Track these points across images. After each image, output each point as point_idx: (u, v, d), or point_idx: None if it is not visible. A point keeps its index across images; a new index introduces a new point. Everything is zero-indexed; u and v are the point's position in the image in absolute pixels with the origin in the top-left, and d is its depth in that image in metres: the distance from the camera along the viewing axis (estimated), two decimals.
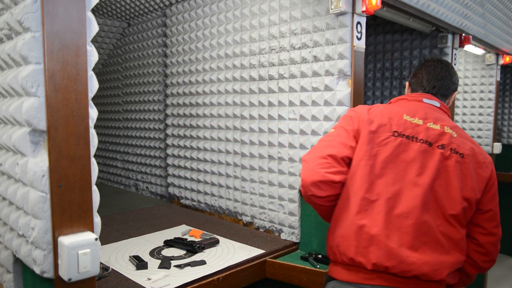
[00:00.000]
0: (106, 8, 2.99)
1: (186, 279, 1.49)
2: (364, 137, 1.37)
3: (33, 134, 0.99)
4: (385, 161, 1.34)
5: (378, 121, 1.39)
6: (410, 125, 1.39)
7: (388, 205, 1.30)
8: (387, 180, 1.33)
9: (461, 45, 2.66)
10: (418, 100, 1.52)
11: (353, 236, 1.30)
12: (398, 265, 1.25)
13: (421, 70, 1.62)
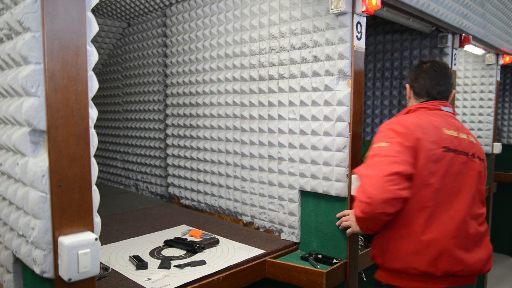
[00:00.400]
0: (106, 8, 2.99)
1: (186, 279, 1.49)
2: (423, 154, 1.45)
3: (33, 134, 0.99)
4: (443, 176, 1.46)
5: (430, 138, 1.48)
6: (451, 139, 1.52)
7: (449, 217, 1.45)
8: (446, 193, 1.46)
9: (461, 45, 2.66)
10: (437, 108, 1.64)
11: (423, 251, 1.42)
12: (464, 269, 1.44)
13: (422, 75, 1.68)
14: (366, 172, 1.43)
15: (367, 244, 2.07)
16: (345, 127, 1.78)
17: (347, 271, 1.82)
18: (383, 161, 1.42)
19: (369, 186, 1.39)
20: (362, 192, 1.41)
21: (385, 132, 1.52)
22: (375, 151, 1.47)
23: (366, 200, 1.38)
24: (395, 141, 1.46)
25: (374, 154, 1.46)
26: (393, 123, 1.53)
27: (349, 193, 1.81)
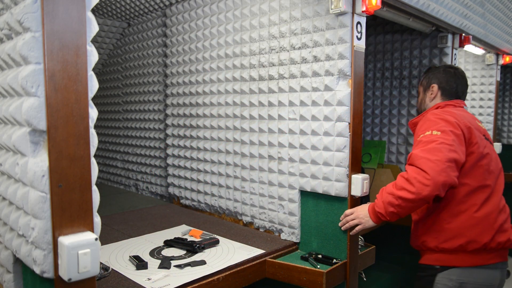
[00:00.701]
0: (106, 8, 2.99)
1: (186, 279, 1.49)
2: (475, 139, 1.63)
3: (33, 134, 0.99)
4: (488, 159, 1.67)
5: (475, 127, 1.68)
6: (482, 128, 1.77)
7: (497, 195, 1.66)
8: (495, 175, 1.69)
9: (461, 45, 2.66)
10: (461, 106, 1.88)
11: (480, 224, 1.59)
12: (509, 240, 1.63)
13: (453, 79, 1.90)
14: (426, 155, 1.50)
15: (367, 244, 2.07)
16: (345, 127, 1.78)
17: (347, 271, 1.82)
18: (442, 148, 1.52)
19: (430, 169, 1.47)
20: (420, 174, 1.48)
21: (435, 121, 1.63)
22: (430, 138, 1.57)
23: (426, 182, 1.46)
24: (448, 130, 1.58)
25: (429, 141, 1.56)
26: (441, 113, 1.68)
27: (349, 193, 1.81)
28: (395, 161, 2.95)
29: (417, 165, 1.50)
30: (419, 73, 2.78)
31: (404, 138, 2.89)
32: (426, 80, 1.96)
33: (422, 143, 1.58)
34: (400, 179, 1.56)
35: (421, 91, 2.00)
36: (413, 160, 1.54)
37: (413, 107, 2.83)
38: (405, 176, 1.54)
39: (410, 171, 1.53)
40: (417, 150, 1.57)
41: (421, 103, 2.01)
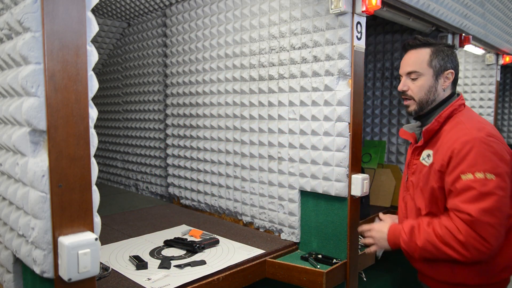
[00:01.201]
0: (106, 8, 2.99)
1: (186, 279, 1.49)
2: None
3: (33, 134, 0.99)
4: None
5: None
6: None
7: None
8: None
9: (461, 45, 2.66)
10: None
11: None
12: None
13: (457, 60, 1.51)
14: (488, 219, 1.23)
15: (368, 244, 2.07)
16: (345, 127, 1.78)
17: (347, 271, 1.82)
18: (502, 206, 1.25)
19: (492, 238, 1.24)
20: (480, 242, 1.24)
21: (486, 155, 1.27)
22: (485, 187, 1.24)
23: (485, 251, 1.24)
24: (503, 172, 1.27)
25: (486, 192, 1.24)
26: (492, 139, 1.30)
27: (349, 193, 1.81)
28: (395, 161, 2.95)
29: (478, 231, 1.23)
30: None
31: None
32: (438, 61, 1.46)
33: (475, 192, 1.25)
34: (450, 237, 1.28)
35: (427, 73, 1.46)
36: (471, 223, 1.24)
37: None
38: (460, 238, 1.26)
39: (467, 236, 1.25)
40: (474, 207, 1.24)
41: (429, 91, 1.46)
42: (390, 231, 1.47)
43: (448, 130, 1.40)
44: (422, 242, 1.35)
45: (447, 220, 1.32)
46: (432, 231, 1.33)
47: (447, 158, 1.33)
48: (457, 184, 1.29)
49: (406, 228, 1.41)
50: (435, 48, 1.47)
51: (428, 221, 1.37)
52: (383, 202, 2.79)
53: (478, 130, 1.32)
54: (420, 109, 1.49)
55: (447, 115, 1.43)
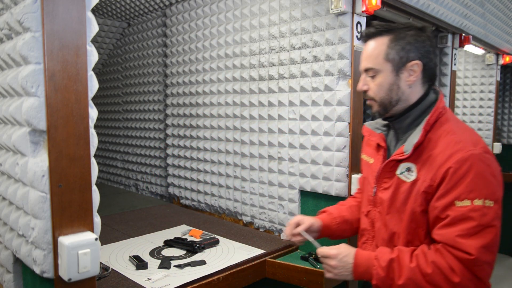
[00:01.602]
0: (106, 8, 2.99)
1: (186, 279, 1.49)
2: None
3: (33, 134, 0.99)
4: None
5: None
6: None
7: None
8: None
9: (461, 45, 2.67)
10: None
11: None
12: None
13: (433, 52, 1.23)
14: (487, 258, 1.04)
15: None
16: (345, 127, 1.78)
17: None
18: (497, 236, 1.06)
19: (487, 277, 1.06)
20: (473, 282, 1.05)
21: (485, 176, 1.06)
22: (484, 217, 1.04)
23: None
24: (499, 197, 1.08)
25: (485, 224, 1.04)
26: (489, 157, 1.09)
27: (349, 193, 1.81)
28: None
29: (475, 272, 1.04)
30: None
31: None
32: (396, 52, 1.18)
33: (474, 224, 1.03)
34: (441, 278, 1.06)
35: (384, 69, 1.20)
36: (470, 262, 1.03)
37: None
38: (454, 279, 1.04)
39: (463, 277, 1.04)
40: (474, 244, 1.03)
41: (389, 90, 1.20)
42: (359, 262, 1.18)
43: (436, 140, 1.15)
44: (403, 280, 1.09)
45: (436, 255, 1.08)
46: (417, 268, 1.08)
47: (439, 178, 1.09)
48: (450, 211, 1.06)
49: (383, 261, 1.13)
50: (394, 35, 1.18)
51: (410, 254, 1.12)
52: None
53: (474, 144, 1.09)
54: (384, 111, 1.24)
55: (434, 121, 1.17)
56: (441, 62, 2.65)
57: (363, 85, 1.25)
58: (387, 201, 1.22)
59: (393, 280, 1.11)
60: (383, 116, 1.27)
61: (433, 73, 1.23)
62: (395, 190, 1.20)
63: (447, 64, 2.63)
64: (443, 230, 1.07)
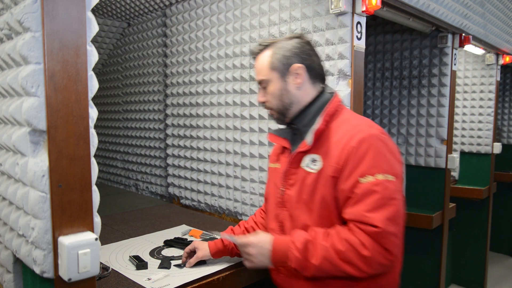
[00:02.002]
0: (106, 8, 2.99)
1: (186, 279, 1.49)
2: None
3: (33, 134, 0.99)
4: None
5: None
6: None
7: None
8: None
9: (461, 45, 2.67)
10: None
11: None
12: None
13: (312, 51, 1.33)
14: (393, 229, 1.09)
15: None
16: None
17: None
18: (401, 208, 1.13)
19: (395, 249, 1.11)
20: (383, 255, 1.10)
21: (385, 155, 1.15)
22: (387, 190, 1.10)
23: (387, 263, 1.12)
24: (400, 173, 1.16)
25: (387, 196, 1.10)
26: (385, 137, 1.19)
27: None
28: None
29: (383, 244, 1.08)
30: (419, 73, 2.78)
31: (404, 138, 2.89)
32: (278, 61, 1.29)
33: (378, 196, 1.10)
34: (354, 253, 1.10)
35: (272, 78, 1.30)
36: (377, 235, 1.08)
37: (413, 107, 2.83)
38: (364, 253, 1.09)
39: (373, 250, 1.09)
40: (379, 216, 1.08)
41: (281, 95, 1.30)
42: (276, 247, 1.21)
43: (336, 129, 1.23)
44: (319, 260, 1.13)
45: (347, 232, 1.12)
46: (331, 247, 1.12)
47: (342, 159, 1.15)
48: (356, 189, 1.12)
49: (299, 243, 1.16)
50: (274, 47, 1.31)
51: (324, 234, 1.16)
52: None
53: (369, 126, 1.19)
54: (282, 117, 1.34)
55: (333, 113, 1.27)
56: (441, 62, 2.65)
57: (261, 97, 1.36)
58: (294, 196, 1.27)
59: (309, 261, 1.14)
60: (284, 122, 1.36)
61: (319, 72, 1.34)
62: (301, 183, 1.25)
63: (447, 64, 2.63)
64: (351, 209, 1.13)
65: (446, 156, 2.69)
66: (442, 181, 2.72)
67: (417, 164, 2.83)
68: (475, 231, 3.70)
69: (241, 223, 1.69)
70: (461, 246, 3.74)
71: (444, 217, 2.74)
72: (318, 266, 1.14)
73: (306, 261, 1.15)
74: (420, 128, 2.81)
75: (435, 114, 2.72)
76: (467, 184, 3.67)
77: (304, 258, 1.15)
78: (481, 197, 3.53)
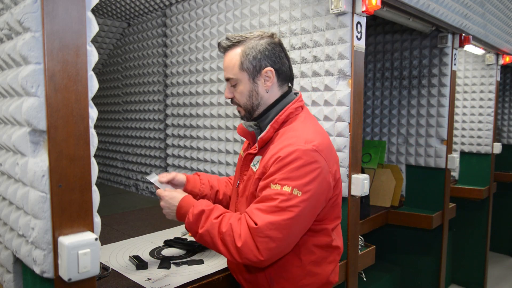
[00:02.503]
0: (106, 8, 2.99)
1: (186, 279, 1.49)
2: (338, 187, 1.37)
3: (33, 134, 0.99)
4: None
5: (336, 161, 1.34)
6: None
7: None
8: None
9: (461, 45, 2.67)
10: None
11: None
12: None
13: (281, 52, 1.34)
14: (270, 232, 1.18)
15: (367, 244, 2.07)
16: (345, 127, 1.78)
17: (347, 271, 1.82)
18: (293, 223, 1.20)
19: (266, 251, 1.18)
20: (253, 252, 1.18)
21: (304, 172, 1.19)
22: (286, 203, 1.18)
23: (255, 261, 1.20)
24: (313, 194, 1.22)
25: (284, 208, 1.18)
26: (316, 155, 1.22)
27: (349, 193, 1.81)
28: (395, 161, 2.95)
29: (256, 241, 1.16)
30: (419, 73, 2.78)
31: (404, 138, 2.89)
32: (249, 62, 1.30)
33: (273, 204, 1.17)
34: (230, 239, 1.19)
35: (242, 78, 1.32)
36: (254, 231, 1.15)
37: (413, 107, 2.83)
38: (238, 244, 1.17)
39: (245, 244, 1.16)
40: (263, 218, 1.16)
41: (250, 96, 1.34)
42: (181, 205, 1.35)
43: (281, 135, 1.30)
44: (203, 230, 1.25)
45: (235, 219, 1.22)
46: (217, 224, 1.23)
47: (269, 165, 1.23)
48: (264, 191, 1.21)
49: (196, 209, 1.28)
50: (245, 46, 1.30)
51: (221, 213, 1.27)
52: (383, 202, 2.79)
53: (306, 142, 1.22)
54: (249, 115, 1.38)
55: (283, 120, 1.32)
56: (441, 62, 2.65)
57: (229, 93, 1.38)
58: (241, 190, 1.39)
59: (196, 228, 1.27)
60: (249, 119, 1.41)
61: (288, 75, 1.38)
62: (246, 180, 1.36)
63: (447, 64, 2.63)
64: (252, 204, 1.23)
65: (446, 156, 2.69)
66: (442, 181, 2.73)
67: (417, 164, 2.83)
68: (475, 231, 3.70)
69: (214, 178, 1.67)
70: (461, 246, 3.74)
71: (444, 217, 2.74)
72: (200, 234, 1.26)
73: (194, 226, 1.28)
74: (420, 128, 2.81)
75: (435, 114, 2.72)
76: (467, 184, 3.67)
77: (194, 224, 1.27)
78: (481, 197, 3.53)
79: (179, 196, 1.40)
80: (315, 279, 1.32)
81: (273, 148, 1.26)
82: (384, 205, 2.77)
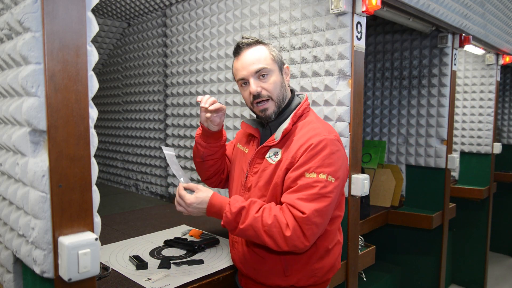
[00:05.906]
0: (106, 8, 2.99)
1: (186, 279, 1.49)
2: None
3: (33, 134, 0.99)
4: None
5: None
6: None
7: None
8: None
9: (461, 45, 2.67)
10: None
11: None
12: None
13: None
14: (316, 219, 1.24)
15: (367, 244, 2.07)
16: (345, 127, 1.78)
17: (347, 271, 1.82)
18: (331, 208, 1.30)
19: (312, 236, 1.25)
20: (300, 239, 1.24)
21: (334, 159, 1.28)
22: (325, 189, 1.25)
23: (302, 247, 1.26)
24: (342, 178, 1.33)
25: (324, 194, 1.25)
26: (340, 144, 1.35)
27: (349, 193, 1.81)
28: (395, 161, 2.95)
29: (304, 229, 1.22)
30: (419, 73, 2.78)
31: (404, 138, 2.89)
32: (276, 56, 1.41)
33: (314, 192, 1.23)
34: (278, 230, 1.22)
35: (275, 69, 1.39)
36: (302, 220, 1.21)
37: (413, 107, 2.83)
38: (286, 233, 1.22)
39: (294, 233, 1.22)
40: (309, 206, 1.22)
41: (281, 87, 1.39)
42: (213, 205, 1.33)
43: (300, 129, 1.36)
44: (245, 225, 1.26)
45: (278, 210, 1.25)
46: (260, 218, 1.25)
47: (299, 155, 1.29)
48: (299, 180, 1.26)
49: (234, 208, 1.28)
50: (265, 45, 1.42)
51: (259, 206, 1.29)
52: (383, 202, 2.79)
53: (329, 132, 1.33)
54: (278, 109, 1.40)
55: (300, 114, 1.40)
56: (441, 62, 2.65)
57: (257, 87, 1.37)
58: (254, 182, 1.40)
59: (237, 224, 1.28)
60: (274, 116, 1.40)
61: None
62: (261, 172, 1.38)
63: (447, 64, 2.63)
64: (289, 194, 1.27)
65: (446, 156, 2.69)
66: (442, 181, 2.73)
67: (417, 164, 2.83)
68: (475, 231, 3.70)
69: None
70: (461, 246, 3.74)
71: (444, 217, 2.74)
72: (242, 229, 1.27)
73: (235, 223, 1.28)
74: (420, 128, 2.81)
75: (435, 114, 2.72)
76: (467, 184, 3.67)
77: (234, 221, 1.28)
78: (481, 197, 3.54)
79: (206, 196, 1.35)
80: (324, 262, 1.38)
81: (299, 139, 1.32)
82: (384, 205, 2.77)
